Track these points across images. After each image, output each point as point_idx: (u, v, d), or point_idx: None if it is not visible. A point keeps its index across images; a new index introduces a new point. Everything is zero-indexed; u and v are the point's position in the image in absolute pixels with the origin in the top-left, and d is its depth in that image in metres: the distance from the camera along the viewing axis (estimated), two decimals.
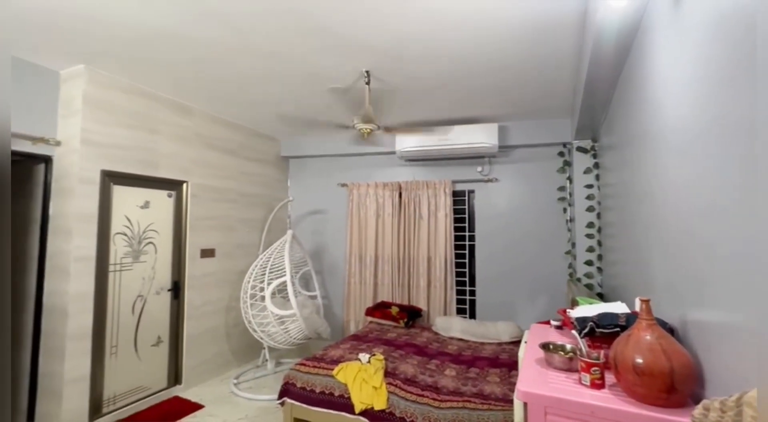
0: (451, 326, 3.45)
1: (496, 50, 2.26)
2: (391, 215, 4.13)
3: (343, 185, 4.37)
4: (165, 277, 3.17)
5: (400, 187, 4.14)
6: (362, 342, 3.12)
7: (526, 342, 1.76)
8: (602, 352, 1.18)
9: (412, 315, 3.70)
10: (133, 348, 2.92)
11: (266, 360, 3.74)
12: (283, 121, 3.79)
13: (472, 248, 4.03)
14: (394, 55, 2.33)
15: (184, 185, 3.32)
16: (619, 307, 1.44)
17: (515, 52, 2.28)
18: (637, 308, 1.10)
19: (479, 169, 3.95)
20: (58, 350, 2.50)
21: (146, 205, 3.02)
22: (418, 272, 4.00)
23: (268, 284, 3.38)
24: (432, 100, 3.13)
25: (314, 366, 2.61)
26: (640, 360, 0.98)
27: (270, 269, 3.51)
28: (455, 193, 4.06)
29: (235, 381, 3.42)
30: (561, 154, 3.71)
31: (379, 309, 3.80)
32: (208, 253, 3.52)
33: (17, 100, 2.43)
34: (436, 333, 3.46)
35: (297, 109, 3.41)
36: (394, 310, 3.72)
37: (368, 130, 2.59)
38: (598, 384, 1.11)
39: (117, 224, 2.81)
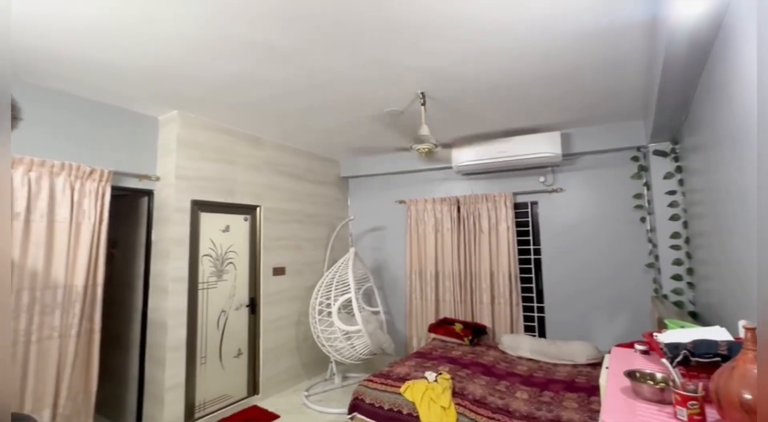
0: (520, 345, 3.30)
1: (556, 59, 2.20)
2: (450, 230, 4.11)
3: (401, 202, 4.46)
4: (243, 294, 3.48)
5: (458, 202, 4.11)
6: (427, 360, 3.11)
7: (607, 368, 1.64)
8: (700, 384, 1.08)
9: (476, 332, 3.61)
10: (218, 359, 3.22)
11: (334, 374, 3.87)
12: (343, 144, 4.00)
13: (538, 262, 3.84)
14: (449, 75, 2.38)
15: (258, 209, 3.64)
16: (718, 333, 1.29)
17: (576, 59, 2.21)
18: (741, 334, 0.99)
19: (542, 179, 3.79)
20: (159, 359, 2.85)
21: (227, 229, 3.36)
22: (480, 287, 3.91)
23: (335, 300, 3.53)
24: (488, 113, 3.11)
25: (382, 383, 2.66)
26: (748, 397, 0.88)
27: (335, 286, 3.67)
28: (517, 205, 3.93)
29: (306, 393, 3.59)
30: (635, 158, 3.42)
31: (442, 325, 3.77)
32: (279, 271, 3.78)
33: (126, 144, 2.89)
34: (504, 352, 3.33)
35: (355, 133, 3.59)
36: (458, 327, 3.66)
37: (426, 150, 2.64)
38: (698, 421, 1.01)
39: (204, 247, 3.16)
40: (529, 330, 3.80)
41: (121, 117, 2.87)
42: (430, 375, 2.64)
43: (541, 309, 3.79)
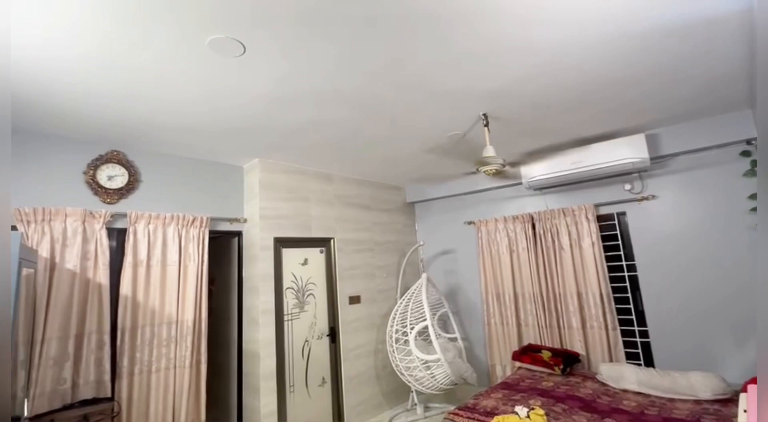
0: (623, 375, 2.92)
1: (639, 58, 2.03)
2: (526, 249, 3.88)
3: (470, 223, 4.35)
4: (323, 324, 3.63)
5: (532, 219, 3.89)
6: (515, 392, 2.90)
7: (745, 411, 1.39)
8: None
9: (568, 360, 3.28)
10: (305, 387, 3.37)
11: (415, 404, 3.79)
12: (406, 172, 4.08)
13: (633, 280, 3.43)
14: (513, 93, 2.33)
15: (331, 241, 3.83)
16: None
17: (664, 54, 2.01)
18: None
19: (628, 187, 3.43)
20: (254, 387, 3.06)
21: (305, 262, 3.58)
22: (567, 310, 3.58)
23: (411, 328, 3.51)
24: (558, 124, 2.94)
25: (468, 418, 2.54)
26: None
27: (410, 313, 3.65)
28: (600, 218, 3.59)
29: None
30: (746, 153, 2.95)
31: (528, 353, 3.50)
32: (354, 300, 3.89)
33: (219, 192, 3.28)
34: (604, 384, 2.98)
35: (417, 160, 3.64)
36: (546, 355, 3.37)
37: (493, 171, 2.58)
38: None
39: (287, 280, 3.39)
40: (632, 357, 3.35)
41: (213, 169, 3.28)
42: (521, 409, 2.45)
43: (644, 334, 3.34)
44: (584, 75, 2.14)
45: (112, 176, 2.70)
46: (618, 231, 3.54)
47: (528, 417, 2.37)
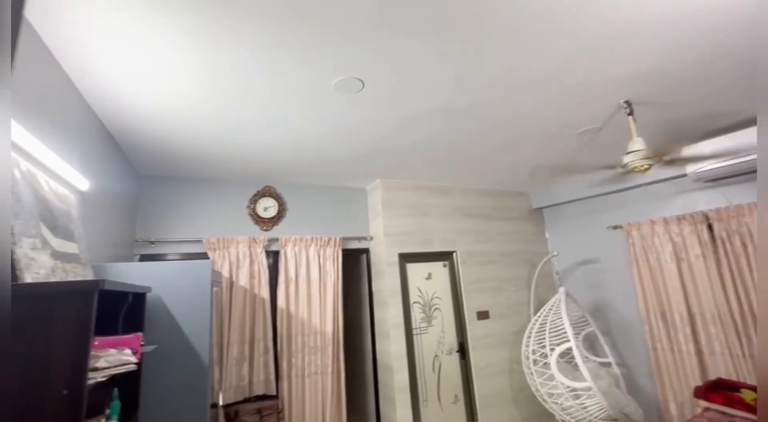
0: None
1: None
2: (701, 257, 3.09)
3: (616, 227, 3.71)
4: (452, 339, 3.56)
5: (706, 218, 3.09)
6: None
7: None
8: None
9: None
10: (437, 402, 3.34)
11: None
12: (531, 176, 3.75)
13: None
14: (663, 72, 1.92)
15: (454, 254, 3.77)
16: None
17: None
18: None
19: None
20: (390, 398, 3.19)
21: (429, 277, 3.61)
22: None
23: (551, 350, 3.15)
24: (734, 99, 2.29)
25: None
26: None
27: (549, 331, 3.28)
28: None
29: None
30: None
31: (718, 391, 2.74)
32: (483, 315, 3.72)
33: (347, 213, 3.60)
34: None
35: (543, 162, 3.31)
36: (748, 396, 2.58)
37: (645, 167, 2.15)
38: None
39: (413, 295, 3.47)
40: None
41: (341, 193, 3.63)
42: None
43: None
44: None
45: (267, 207, 3.24)
46: None
47: None
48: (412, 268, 3.53)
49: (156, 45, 1.45)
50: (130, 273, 1.90)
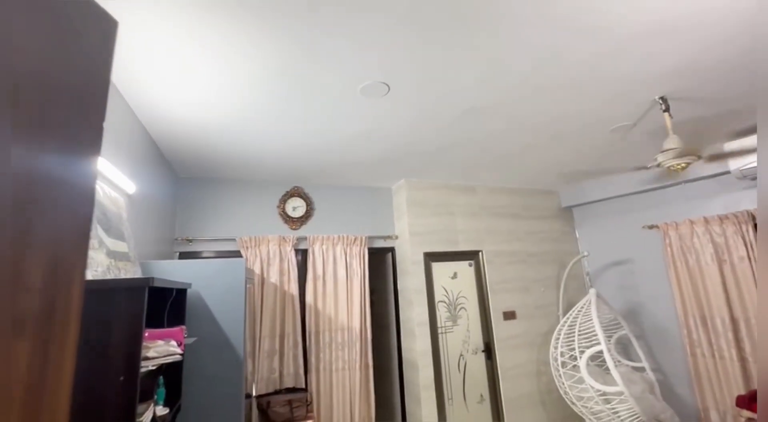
0: None
1: None
2: (746, 259, 2.92)
3: (652, 227, 3.56)
4: (477, 339, 3.55)
5: (752, 218, 2.91)
6: None
7: None
8: None
9: None
10: (463, 401, 3.35)
11: None
12: (560, 175, 3.67)
13: None
14: (701, 66, 1.83)
15: (480, 254, 3.74)
16: None
17: None
18: None
19: None
20: (416, 396, 3.23)
21: (455, 276, 3.61)
22: None
23: (581, 352, 3.08)
24: None
25: None
26: None
27: (578, 334, 3.21)
28: None
29: None
30: None
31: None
32: (509, 316, 3.68)
33: (372, 213, 3.66)
34: None
35: (573, 161, 3.23)
36: None
37: (682, 166, 2.06)
38: None
39: (438, 293, 3.48)
40: None
41: (367, 193, 3.69)
42: None
43: None
44: None
45: (296, 207, 3.35)
46: None
47: None
48: (438, 267, 3.55)
49: (198, 60, 1.55)
50: (172, 271, 2.04)
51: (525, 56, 1.68)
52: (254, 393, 2.67)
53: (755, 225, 2.92)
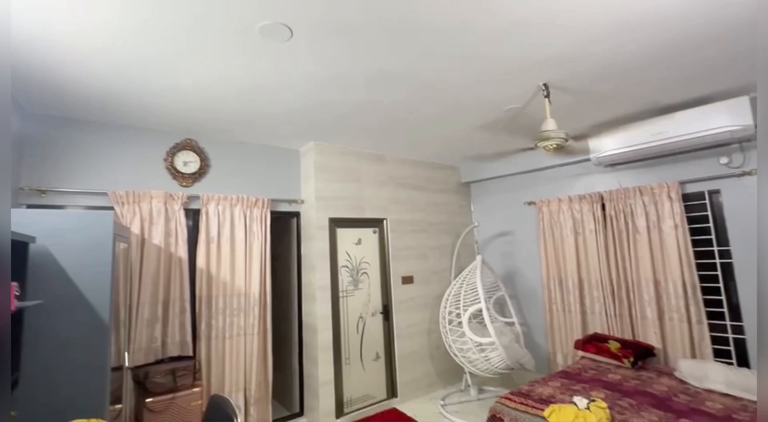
0: (708, 374, 2.60)
1: (738, 8, 1.70)
2: (593, 232, 3.56)
3: (531, 203, 4.09)
4: (377, 302, 3.73)
5: (601, 198, 3.54)
6: (575, 381, 2.74)
7: None
8: None
9: (640, 353, 3.00)
10: (359, 361, 3.53)
11: (469, 386, 3.77)
12: (461, 151, 3.93)
13: (728, 268, 2.97)
14: (578, 58, 2.09)
15: (384, 222, 3.87)
16: None
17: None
18: None
19: (724, 160, 2.94)
20: (313, 358, 3.29)
21: (359, 242, 3.68)
22: (641, 299, 3.25)
23: (464, 310, 3.46)
24: (634, 91, 2.60)
25: (521, 403, 2.46)
26: None
27: (464, 295, 3.59)
28: (686, 197, 3.14)
29: (442, 402, 3.59)
30: None
31: (593, 342, 3.27)
32: (407, 280, 3.93)
33: (278, 175, 3.48)
34: (683, 382, 2.68)
35: (472, 137, 3.48)
36: (614, 346, 3.12)
37: (553, 146, 2.37)
38: None
39: (341, 259, 3.53)
40: (720, 355, 2.96)
41: (273, 153, 3.48)
42: (581, 400, 2.31)
43: (738, 330, 2.91)
44: (675, 28, 1.84)
45: (187, 162, 2.99)
46: (709, 213, 3.07)
47: (588, 408, 2.23)
48: (342, 233, 3.57)
49: None
50: (13, 222, 1.66)
51: (431, 26, 1.69)
52: (128, 364, 2.41)
53: (603, 205, 3.55)
